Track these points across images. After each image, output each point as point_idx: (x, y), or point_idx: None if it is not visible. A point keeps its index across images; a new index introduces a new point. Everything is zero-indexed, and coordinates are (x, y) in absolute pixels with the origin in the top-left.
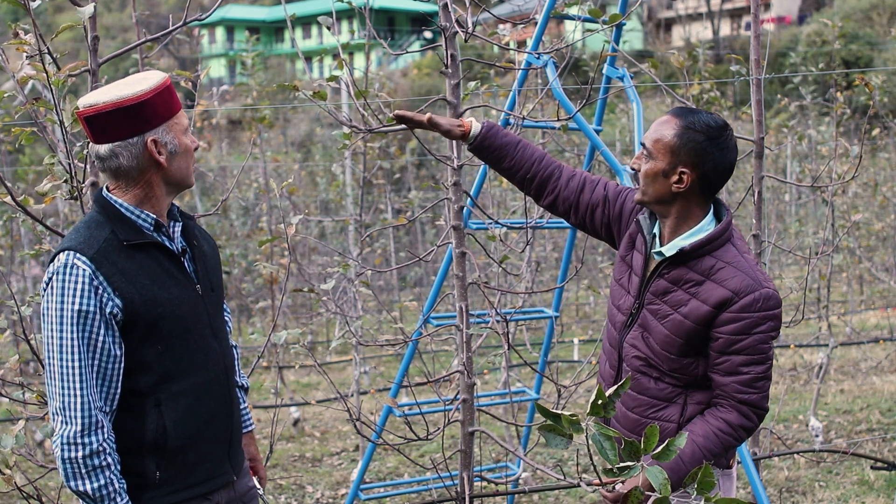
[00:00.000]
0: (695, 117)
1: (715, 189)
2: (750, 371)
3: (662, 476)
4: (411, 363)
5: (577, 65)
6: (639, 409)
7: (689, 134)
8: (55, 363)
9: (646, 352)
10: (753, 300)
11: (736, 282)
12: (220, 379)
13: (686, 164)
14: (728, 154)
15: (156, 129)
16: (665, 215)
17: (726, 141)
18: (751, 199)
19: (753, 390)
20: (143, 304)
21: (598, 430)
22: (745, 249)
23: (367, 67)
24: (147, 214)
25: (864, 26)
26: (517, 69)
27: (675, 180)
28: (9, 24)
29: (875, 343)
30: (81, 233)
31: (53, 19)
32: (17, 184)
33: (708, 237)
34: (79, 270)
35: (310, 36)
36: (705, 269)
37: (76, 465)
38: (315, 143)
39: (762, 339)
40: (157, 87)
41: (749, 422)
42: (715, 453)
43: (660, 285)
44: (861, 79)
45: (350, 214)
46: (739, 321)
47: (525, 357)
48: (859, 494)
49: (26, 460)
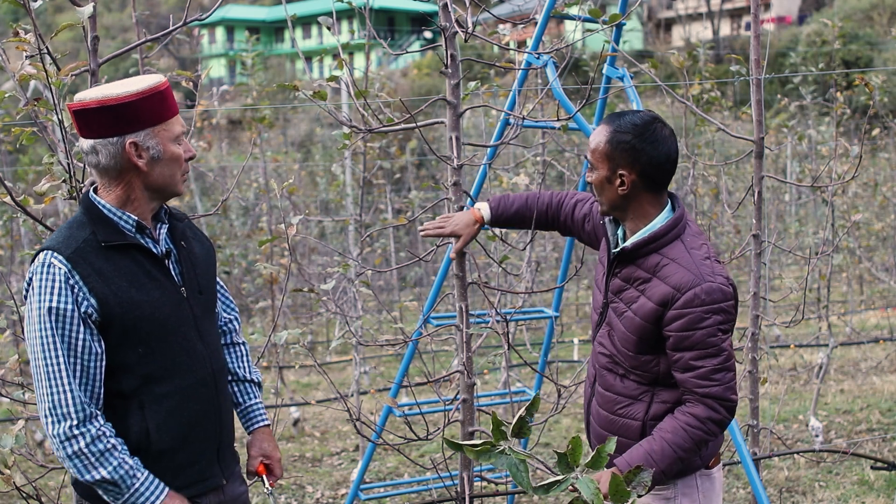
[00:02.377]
0: (621, 120)
1: (659, 183)
2: (704, 364)
3: (594, 486)
4: (411, 363)
5: (577, 65)
6: (607, 405)
7: (617, 137)
8: (40, 363)
9: (611, 349)
10: (695, 295)
11: (676, 278)
12: (206, 382)
13: (622, 166)
14: (659, 146)
15: (137, 133)
16: (624, 218)
17: (654, 134)
18: (751, 199)
19: (712, 382)
20: (118, 305)
21: (514, 456)
22: (695, 245)
23: (367, 67)
24: (129, 216)
25: (864, 26)
26: (517, 69)
27: (618, 184)
28: (9, 23)
29: (875, 343)
30: (62, 233)
31: (53, 19)
32: (17, 184)
33: (649, 236)
34: (55, 269)
35: (310, 36)
36: (651, 266)
37: (83, 455)
38: (315, 143)
39: (710, 332)
40: (144, 91)
41: (717, 414)
42: (686, 448)
43: (615, 283)
44: (861, 79)
45: (350, 214)
46: (683, 317)
47: (525, 357)
48: (859, 494)
49: (26, 460)
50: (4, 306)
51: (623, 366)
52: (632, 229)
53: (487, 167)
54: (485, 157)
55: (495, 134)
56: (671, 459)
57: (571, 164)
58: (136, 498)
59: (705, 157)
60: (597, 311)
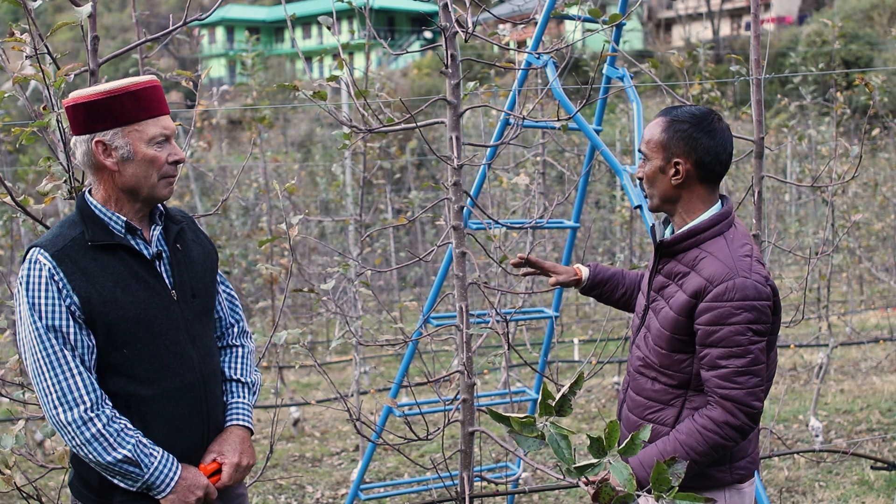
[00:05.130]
0: (678, 111)
1: (714, 174)
2: (728, 365)
3: (627, 471)
4: (411, 363)
5: (577, 65)
6: (637, 410)
7: (674, 126)
8: (40, 355)
9: (645, 350)
10: (726, 289)
11: (710, 270)
12: (195, 385)
13: (678, 155)
14: (717, 136)
15: (105, 132)
16: (674, 213)
17: (712, 124)
18: (751, 199)
19: (734, 385)
20: (101, 304)
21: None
22: (737, 243)
23: (367, 67)
24: (118, 217)
25: (864, 26)
26: (517, 69)
27: (672, 174)
28: (9, 23)
29: (875, 343)
30: (54, 231)
31: (53, 19)
32: (17, 184)
33: (689, 229)
34: (41, 265)
35: (310, 36)
36: (690, 260)
37: (102, 437)
38: (315, 143)
39: (738, 330)
40: (113, 91)
41: (734, 419)
42: (699, 452)
43: (657, 281)
44: (861, 79)
45: (350, 214)
46: (713, 310)
47: (525, 357)
48: (859, 494)
49: (26, 460)
50: (4, 306)
51: (655, 367)
52: (680, 225)
53: (487, 167)
54: (485, 157)
55: (495, 134)
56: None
57: (571, 164)
58: (156, 477)
59: None
60: (638, 315)
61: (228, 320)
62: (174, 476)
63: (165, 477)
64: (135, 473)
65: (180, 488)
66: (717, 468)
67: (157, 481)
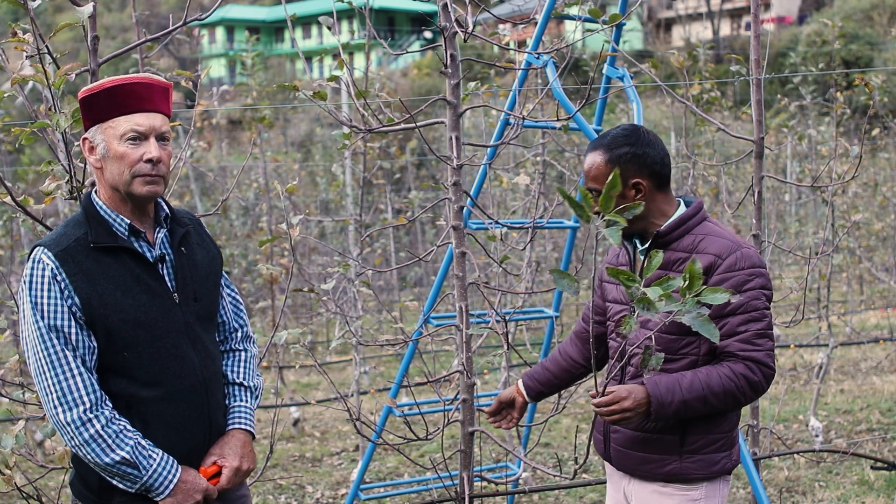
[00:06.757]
0: (607, 139)
1: (666, 178)
2: (748, 328)
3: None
4: (411, 363)
5: (577, 65)
6: None
7: (615, 153)
8: (41, 355)
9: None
10: (736, 259)
11: (715, 247)
12: (196, 389)
13: (633, 176)
14: (655, 144)
15: (90, 129)
16: (645, 227)
17: (646, 136)
18: (751, 199)
19: (755, 347)
20: (101, 306)
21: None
22: (722, 226)
23: (367, 67)
24: (122, 218)
25: (864, 26)
26: (517, 69)
27: (633, 194)
28: (9, 23)
29: (875, 343)
30: (58, 231)
31: (54, 19)
32: (17, 184)
33: (680, 218)
34: (44, 265)
35: (310, 36)
36: (687, 245)
37: (100, 438)
38: (315, 143)
39: (755, 294)
40: (92, 89)
41: (754, 375)
42: (714, 392)
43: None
44: (861, 79)
45: (350, 214)
46: (728, 280)
47: (525, 357)
48: (859, 494)
49: (26, 460)
50: (4, 306)
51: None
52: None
53: (487, 167)
54: (485, 157)
55: (495, 134)
56: (696, 394)
57: (571, 164)
58: (155, 479)
59: (705, 157)
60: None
61: (232, 324)
62: (173, 479)
63: (164, 479)
64: (133, 475)
65: (179, 491)
66: (722, 453)
67: (155, 483)
